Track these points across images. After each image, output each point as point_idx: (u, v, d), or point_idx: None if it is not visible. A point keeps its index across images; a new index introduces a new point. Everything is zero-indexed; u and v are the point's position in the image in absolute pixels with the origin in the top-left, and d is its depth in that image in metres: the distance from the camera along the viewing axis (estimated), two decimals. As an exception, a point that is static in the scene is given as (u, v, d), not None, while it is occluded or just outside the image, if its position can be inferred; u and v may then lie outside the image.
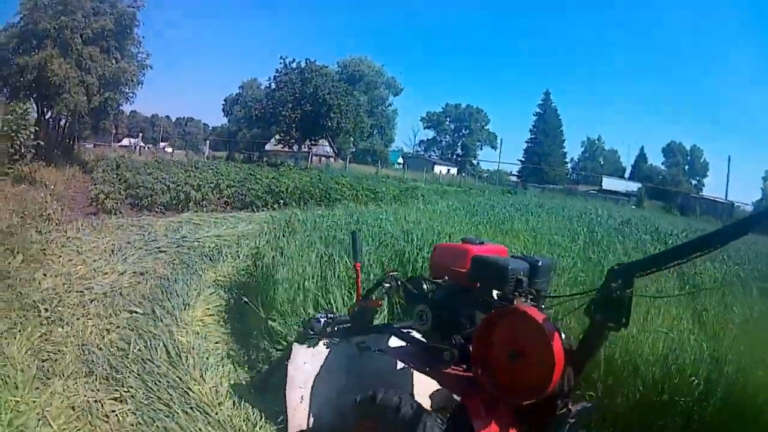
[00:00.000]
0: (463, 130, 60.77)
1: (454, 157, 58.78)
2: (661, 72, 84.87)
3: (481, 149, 60.79)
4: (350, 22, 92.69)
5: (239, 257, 6.47)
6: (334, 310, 3.16)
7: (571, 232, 6.96)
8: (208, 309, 4.90)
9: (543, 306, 2.09)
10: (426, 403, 2.52)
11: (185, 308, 4.79)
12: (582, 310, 1.80)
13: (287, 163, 23.73)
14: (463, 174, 44.24)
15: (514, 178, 47.82)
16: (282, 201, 11.62)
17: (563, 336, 1.84)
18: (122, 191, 10.28)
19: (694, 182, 54.77)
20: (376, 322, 2.77)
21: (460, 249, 2.17)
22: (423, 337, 2.25)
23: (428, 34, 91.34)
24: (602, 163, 61.55)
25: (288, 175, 14.32)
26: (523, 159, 56.22)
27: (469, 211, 8.57)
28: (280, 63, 26.36)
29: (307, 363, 2.64)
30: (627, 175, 57.35)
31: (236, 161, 23.08)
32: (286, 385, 2.64)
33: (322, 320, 2.66)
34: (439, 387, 2.28)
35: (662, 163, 56.26)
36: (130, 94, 18.33)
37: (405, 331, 2.39)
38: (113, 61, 16.75)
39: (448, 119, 60.88)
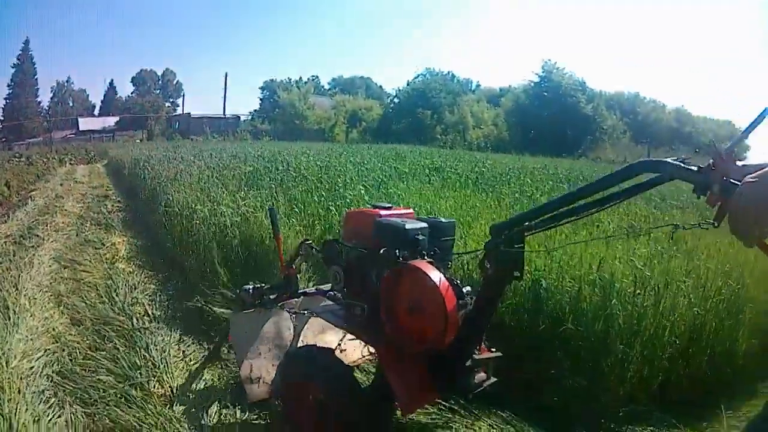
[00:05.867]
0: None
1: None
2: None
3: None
4: None
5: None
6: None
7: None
8: None
9: (450, 263, 2.22)
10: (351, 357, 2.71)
11: None
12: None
13: None
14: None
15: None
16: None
17: (468, 289, 1.95)
18: None
19: (168, 104, 54.50)
20: (301, 286, 2.86)
21: (367, 214, 2.27)
22: (340, 296, 2.36)
23: None
24: (72, 104, 58.54)
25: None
26: (2, 117, 52.32)
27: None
28: None
29: (246, 332, 2.72)
30: (97, 112, 55.86)
31: None
32: (236, 356, 2.73)
33: (251, 291, 2.74)
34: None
35: (133, 93, 55.12)
36: None
37: (325, 292, 2.50)
38: None
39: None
